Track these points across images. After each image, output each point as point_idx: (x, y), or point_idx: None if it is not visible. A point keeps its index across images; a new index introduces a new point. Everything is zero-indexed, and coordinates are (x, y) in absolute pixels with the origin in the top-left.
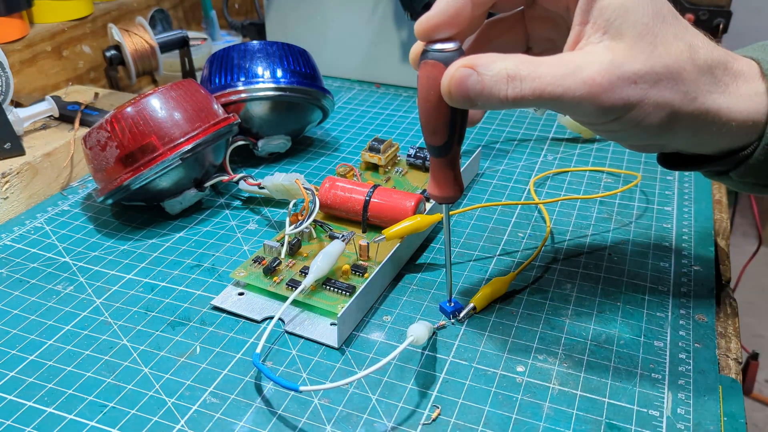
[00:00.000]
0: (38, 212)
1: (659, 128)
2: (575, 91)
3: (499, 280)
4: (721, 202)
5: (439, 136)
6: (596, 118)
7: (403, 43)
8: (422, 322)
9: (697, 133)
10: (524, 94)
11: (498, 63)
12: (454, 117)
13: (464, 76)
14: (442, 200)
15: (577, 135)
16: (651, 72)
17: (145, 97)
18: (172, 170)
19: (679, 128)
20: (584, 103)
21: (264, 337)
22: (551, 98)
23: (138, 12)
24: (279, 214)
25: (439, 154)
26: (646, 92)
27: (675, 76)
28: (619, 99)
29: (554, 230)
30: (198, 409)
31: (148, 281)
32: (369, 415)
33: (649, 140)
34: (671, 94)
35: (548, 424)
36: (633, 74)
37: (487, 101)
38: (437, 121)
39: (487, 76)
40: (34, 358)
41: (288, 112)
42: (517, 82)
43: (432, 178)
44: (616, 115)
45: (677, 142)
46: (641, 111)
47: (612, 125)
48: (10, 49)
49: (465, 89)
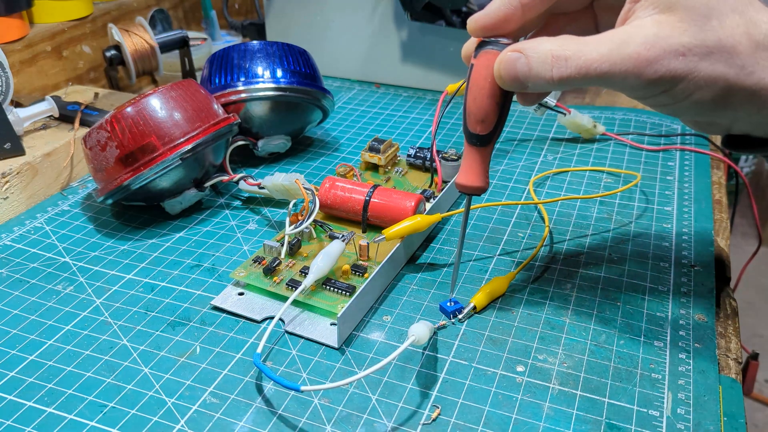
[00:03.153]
0: (38, 212)
1: (713, 103)
2: (621, 66)
3: (499, 279)
4: (721, 202)
5: (488, 124)
6: (644, 92)
7: (403, 43)
8: (423, 322)
9: (761, 110)
10: (570, 72)
11: (544, 44)
12: (504, 106)
13: (513, 59)
14: (473, 191)
15: (577, 135)
16: (701, 45)
17: (145, 97)
18: (172, 170)
19: (737, 104)
20: (630, 78)
21: (264, 337)
22: (597, 75)
23: (138, 12)
24: (279, 214)
25: (484, 142)
26: (696, 65)
27: (729, 49)
28: (666, 71)
29: (554, 230)
30: (198, 409)
31: (148, 281)
32: (369, 415)
33: (708, 116)
34: (724, 67)
35: (548, 424)
36: (680, 46)
37: (536, 81)
38: (488, 108)
39: (533, 58)
40: (34, 358)
41: (288, 112)
42: (562, 61)
43: (467, 169)
44: (664, 87)
45: (741, 121)
46: (691, 84)
47: (662, 98)
48: (10, 49)
49: (514, 71)
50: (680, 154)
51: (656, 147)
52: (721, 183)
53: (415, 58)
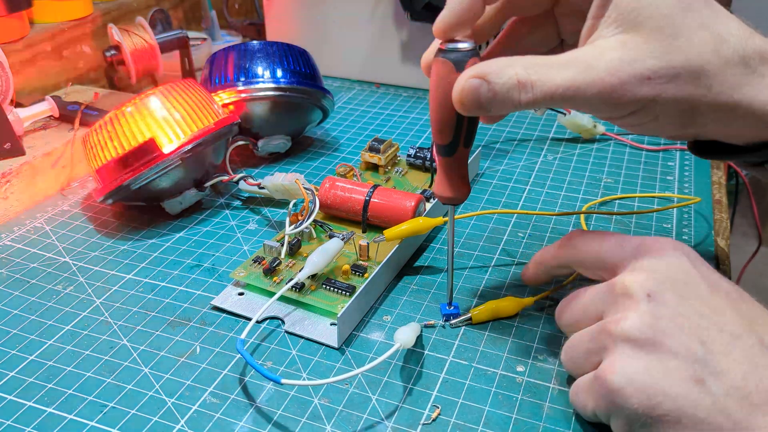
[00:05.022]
0: (38, 212)
1: (681, 122)
2: (586, 91)
3: (511, 301)
4: (721, 202)
5: (445, 135)
6: (611, 114)
7: (403, 43)
8: (410, 324)
9: (729, 125)
10: (536, 98)
11: (508, 70)
12: (460, 118)
13: (475, 87)
14: (445, 201)
15: (577, 135)
16: (667, 67)
17: (145, 97)
18: (172, 170)
19: (705, 121)
20: (596, 102)
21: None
22: (563, 100)
23: (138, 12)
24: (279, 214)
25: (445, 153)
26: (663, 88)
27: (697, 70)
28: (631, 96)
29: (554, 230)
30: (198, 409)
31: (148, 281)
32: (369, 415)
33: (676, 132)
34: (692, 88)
35: (548, 424)
36: (646, 70)
37: (500, 108)
38: (443, 120)
39: (498, 84)
40: (34, 358)
41: (288, 112)
42: (528, 87)
43: (437, 179)
44: (631, 110)
45: (709, 132)
46: (658, 107)
47: (630, 119)
48: (10, 49)
49: (477, 99)
50: (680, 154)
51: (656, 147)
52: (721, 183)
53: (415, 58)
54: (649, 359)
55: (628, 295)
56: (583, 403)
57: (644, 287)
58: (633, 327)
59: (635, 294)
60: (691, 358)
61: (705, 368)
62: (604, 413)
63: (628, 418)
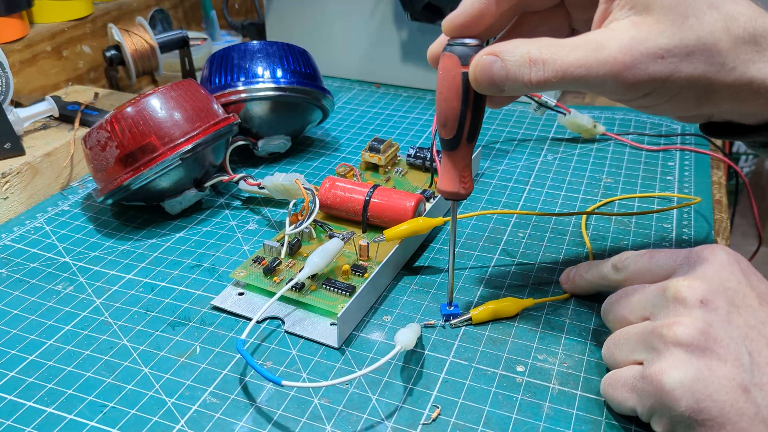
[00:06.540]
0: (38, 212)
1: (697, 101)
2: (598, 71)
3: (512, 301)
4: (721, 202)
5: (449, 128)
6: (625, 95)
7: (403, 43)
8: (410, 326)
9: (743, 102)
10: (547, 76)
11: (521, 48)
12: (464, 111)
13: (489, 62)
14: (448, 196)
15: (577, 135)
16: (680, 46)
17: (145, 97)
18: (172, 170)
19: (719, 99)
20: (608, 82)
21: (250, 325)
22: (574, 79)
23: (138, 12)
24: (279, 214)
25: (448, 147)
26: (676, 66)
27: (709, 47)
28: (644, 75)
29: (554, 230)
30: (198, 409)
31: (148, 281)
32: (369, 415)
33: (690, 112)
34: (705, 66)
35: (548, 424)
36: (659, 49)
37: (512, 85)
38: (447, 113)
39: (510, 61)
40: (34, 358)
41: (288, 112)
42: (540, 65)
43: (441, 173)
44: (645, 90)
45: (724, 112)
46: (673, 86)
47: (644, 100)
48: (10, 49)
49: (490, 75)
50: (680, 154)
51: (656, 147)
52: (721, 183)
53: (415, 58)
54: (699, 365)
55: (681, 300)
56: (622, 398)
57: (697, 293)
58: (686, 333)
59: (688, 300)
60: (739, 366)
61: (751, 378)
62: (647, 411)
63: (673, 419)
